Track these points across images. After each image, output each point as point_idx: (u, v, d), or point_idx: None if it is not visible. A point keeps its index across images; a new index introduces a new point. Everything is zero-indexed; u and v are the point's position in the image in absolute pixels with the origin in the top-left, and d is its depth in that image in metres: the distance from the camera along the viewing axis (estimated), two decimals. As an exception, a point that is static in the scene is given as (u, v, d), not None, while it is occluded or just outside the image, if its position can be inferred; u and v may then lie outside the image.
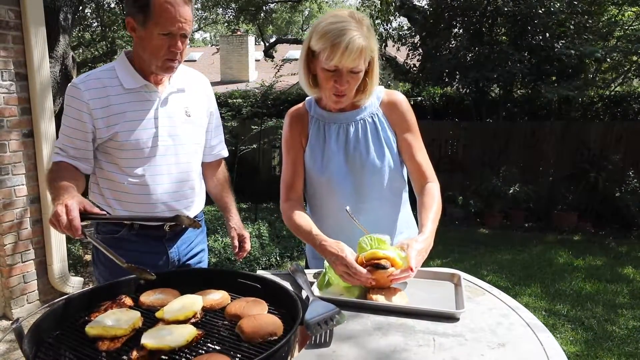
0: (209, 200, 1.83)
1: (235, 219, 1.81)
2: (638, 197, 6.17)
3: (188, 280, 1.28)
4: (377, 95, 1.53)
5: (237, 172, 7.38)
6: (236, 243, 1.78)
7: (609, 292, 4.15)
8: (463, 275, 1.34)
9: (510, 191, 6.57)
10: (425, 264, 1.30)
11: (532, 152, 7.09)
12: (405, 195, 1.60)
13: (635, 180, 6.28)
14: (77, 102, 1.43)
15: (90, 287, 1.17)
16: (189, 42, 1.51)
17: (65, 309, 1.09)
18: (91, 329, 1.00)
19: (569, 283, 4.38)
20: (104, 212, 1.30)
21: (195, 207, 1.65)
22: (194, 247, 1.73)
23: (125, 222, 1.55)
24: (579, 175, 6.67)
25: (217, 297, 1.19)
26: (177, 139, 1.54)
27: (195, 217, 1.67)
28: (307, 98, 1.61)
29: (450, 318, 1.13)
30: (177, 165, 1.54)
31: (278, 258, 4.97)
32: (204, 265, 1.81)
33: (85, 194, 1.38)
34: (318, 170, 1.51)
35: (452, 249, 5.44)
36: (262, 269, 4.75)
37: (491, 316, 1.15)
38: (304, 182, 1.56)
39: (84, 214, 1.20)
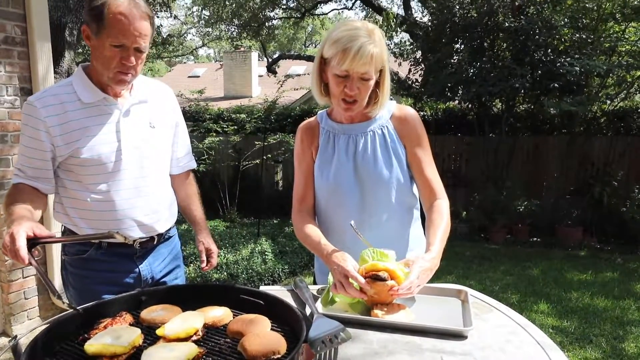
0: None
1: (204, 233, 1.76)
2: (644, 212, 6.11)
3: (190, 296, 1.25)
4: (389, 108, 1.54)
5: (240, 187, 7.38)
6: (204, 257, 1.74)
7: (617, 308, 4.08)
8: (470, 291, 1.32)
9: (514, 206, 6.53)
10: (429, 281, 1.27)
11: (536, 167, 7.08)
12: (417, 212, 1.59)
13: (640, 195, 6.24)
14: (33, 120, 1.38)
15: (91, 303, 1.15)
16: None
17: (64, 325, 1.07)
18: (90, 347, 0.97)
19: (576, 299, 4.31)
20: (53, 234, 1.25)
21: (164, 221, 1.59)
22: (168, 264, 1.68)
23: (76, 242, 1.51)
24: (583, 190, 6.64)
25: (219, 313, 1.17)
26: (142, 151, 1.49)
27: (168, 231, 1.64)
28: (319, 111, 1.62)
29: (457, 336, 1.10)
30: (142, 178, 1.50)
31: (281, 274, 4.92)
32: (180, 281, 1.77)
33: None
34: (326, 181, 1.51)
35: (456, 264, 5.38)
36: (265, 285, 4.70)
37: (500, 334, 1.12)
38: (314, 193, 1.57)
39: (35, 240, 1.17)
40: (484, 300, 1.31)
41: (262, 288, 1.34)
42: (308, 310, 1.19)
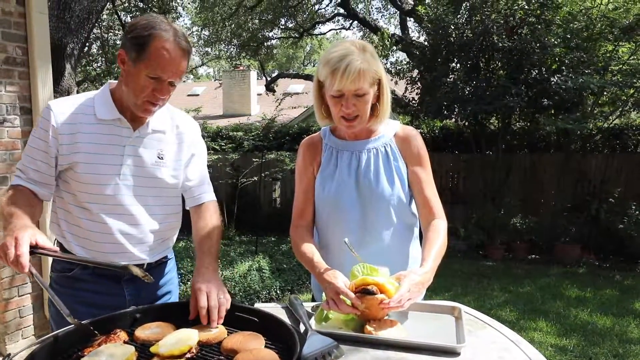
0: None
1: (200, 273, 1.33)
2: (641, 229, 6.12)
3: (184, 313, 1.26)
4: (393, 127, 1.56)
5: (238, 205, 7.39)
6: (202, 312, 1.23)
7: (617, 326, 4.05)
8: (463, 308, 1.32)
9: (512, 223, 6.54)
10: (427, 298, 1.28)
11: (533, 184, 7.10)
12: (416, 231, 1.59)
13: (638, 212, 6.26)
14: (45, 122, 1.37)
15: (86, 320, 1.15)
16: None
17: (58, 343, 1.07)
18: (84, 365, 0.98)
19: (575, 317, 4.29)
20: (57, 249, 1.21)
21: (156, 253, 1.52)
22: (159, 290, 1.58)
23: (76, 261, 1.44)
24: (580, 207, 6.65)
25: (214, 331, 1.17)
26: (142, 181, 1.44)
27: (159, 261, 1.55)
28: (322, 128, 1.64)
29: (450, 353, 1.10)
30: (136, 207, 1.43)
31: (278, 292, 4.90)
32: None
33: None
34: (327, 197, 1.51)
35: (454, 281, 5.36)
36: (262, 302, 4.67)
37: (493, 350, 1.12)
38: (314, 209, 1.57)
39: (34, 249, 1.14)
40: (477, 317, 1.32)
41: (257, 305, 1.34)
42: (302, 328, 1.19)
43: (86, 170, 1.38)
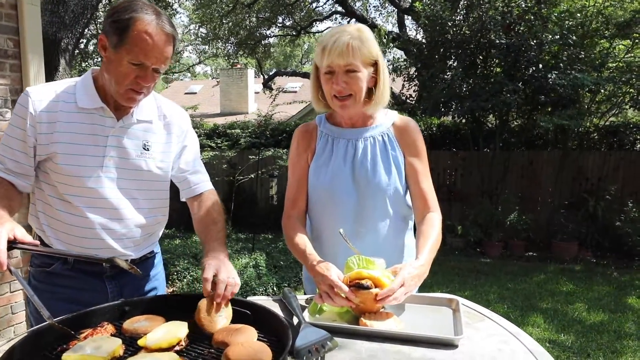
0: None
1: (209, 255, 1.29)
2: (638, 226, 6.12)
3: (175, 306, 1.23)
4: (392, 117, 1.53)
5: (235, 202, 7.35)
6: (208, 287, 1.21)
7: (614, 322, 4.04)
8: (461, 300, 1.29)
9: (509, 220, 6.53)
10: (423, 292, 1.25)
11: (530, 182, 7.10)
12: (411, 223, 1.56)
13: (634, 209, 6.26)
14: (23, 110, 1.29)
15: (72, 313, 1.11)
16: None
17: (43, 336, 1.04)
18: (68, 358, 0.95)
19: (572, 314, 4.27)
20: (37, 243, 1.15)
21: (141, 249, 1.46)
22: (144, 286, 1.52)
23: (57, 255, 1.38)
24: (578, 204, 6.65)
25: (219, 321, 1.14)
26: (125, 173, 1.36)
27: (144, 256, 1.49)
28: (317, 115, 1.60)
29: (448, 345, 1.08)
30: (120, 200, 1.36)
31: (275, 288, 4.86)
32: None
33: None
34: (322, 186, 1.47)
35: (452, 278, 5.33)
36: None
37: (491, 342, 1.10)
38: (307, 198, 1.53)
39: (13, 243, 1.09)
40: (475, 309, 1.29)
41: (250, 298, 1.31)
42: (295, 321, 1.16)
43: (66, 161, 1.31)
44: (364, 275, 1.15)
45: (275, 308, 1.25)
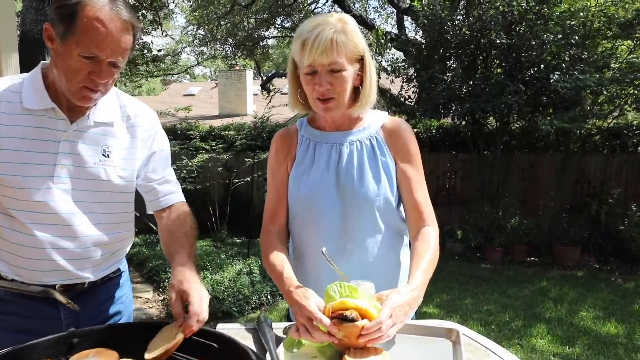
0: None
1: (176, 272, 1.13)
2: (643, 230, 5.98)
3: (132, 337, 1.07)
4: (381, 118, 1.36)
5: (231, 206, 7.20)
6: (178, 309, 1.07)
7: (622, 333, 3.88)
8: (462, 330, 1.13)
9: (510, 224, 6.37)
10: (421, 305, 1.09)
11: (532, 185, 6.96)
12: (406, 239, 1.38)
13: (638, 213, 6.11)
14: None
15: (7, 349, 0.95)
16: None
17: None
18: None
19: (577, 324, 4.11)
20: None
21: (97, 269, 1.27)
22: (105, 311, 1.33)
23: None
24: (580, 208, 6.51)
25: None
26: (81, 184, 1.19)
27: (107, 277, 1.32)
28: (299, 119, 1.43)
29: (446, 388, 0.92)
30: (76, 215, 1.19)
31: (269, 297, 4.70)
32: None
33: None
34: (302, 197, 1.30)
35: (451, 285, 5.17)
36: (252, 308, 4.49)
37: (497, 385, 0.94)
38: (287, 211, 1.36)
39: None
40: (479, 342, 1.13)
41: (220, 327, 1.15)
42: (268, 358, 1.00)
43: (9, 171, 1.13)
44: (349, 305, 0.98)
45: (248, 339, 1.09)
